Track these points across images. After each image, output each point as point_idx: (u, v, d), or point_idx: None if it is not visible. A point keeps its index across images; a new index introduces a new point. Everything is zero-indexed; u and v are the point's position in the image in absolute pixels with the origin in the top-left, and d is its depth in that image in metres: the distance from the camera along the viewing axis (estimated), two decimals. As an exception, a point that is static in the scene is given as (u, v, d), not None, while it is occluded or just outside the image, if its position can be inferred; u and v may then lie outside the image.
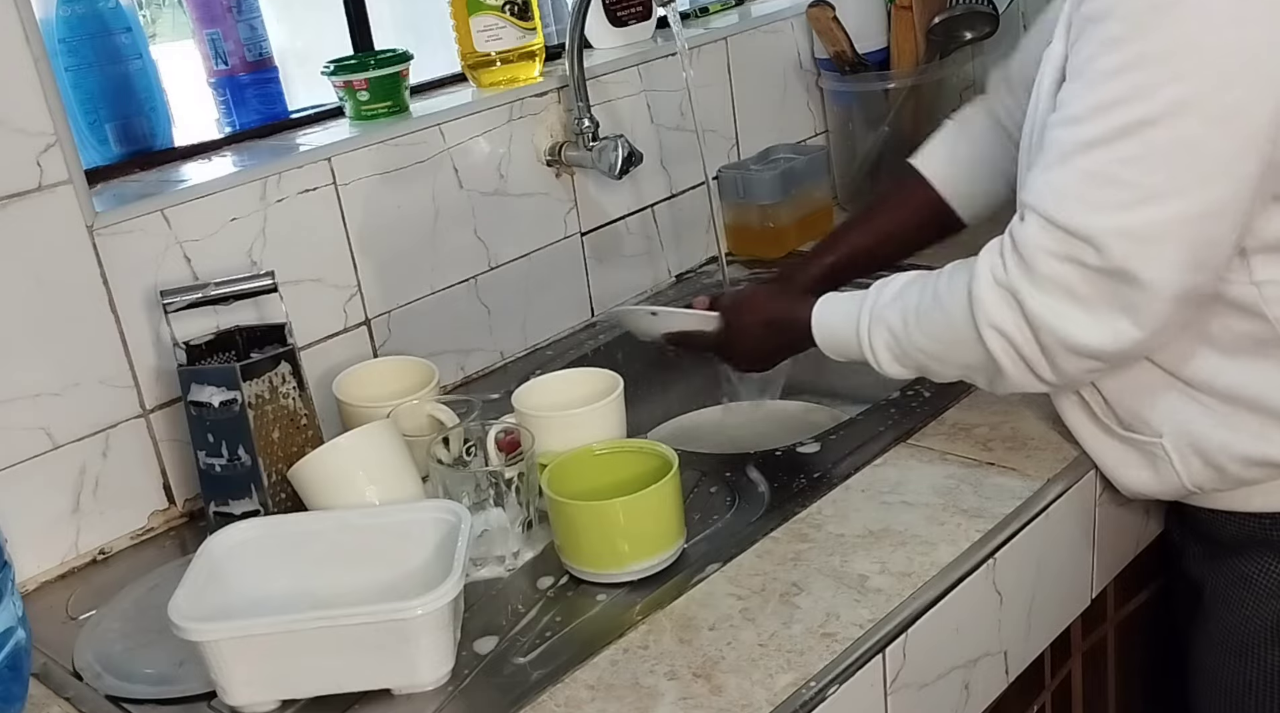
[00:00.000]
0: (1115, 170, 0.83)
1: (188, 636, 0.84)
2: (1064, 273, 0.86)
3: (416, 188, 1.34)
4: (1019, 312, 0.89)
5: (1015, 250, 0.88)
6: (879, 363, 1.02)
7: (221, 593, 0.91)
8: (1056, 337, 0.88)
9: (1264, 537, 1.01)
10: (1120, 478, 1.04)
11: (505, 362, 1.45)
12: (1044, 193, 0.87)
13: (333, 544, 0.96)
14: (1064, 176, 0.86)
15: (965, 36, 1.65)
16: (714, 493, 1.10)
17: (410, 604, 0.84)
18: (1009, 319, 0.89)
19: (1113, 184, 0.83)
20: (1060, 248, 0.85)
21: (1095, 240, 0.83)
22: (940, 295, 0.96)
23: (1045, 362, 0.90)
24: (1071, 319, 0.87)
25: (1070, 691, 1.21)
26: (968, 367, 0.97)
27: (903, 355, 1.00)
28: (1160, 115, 0.81)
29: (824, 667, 0.85)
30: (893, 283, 1.02)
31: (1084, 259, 0.84)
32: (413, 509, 0.98)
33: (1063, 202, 0.85)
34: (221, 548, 0.94)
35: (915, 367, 1.01)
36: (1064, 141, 0.86)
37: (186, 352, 1.10)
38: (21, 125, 1.04)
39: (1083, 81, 0.86)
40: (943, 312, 0.95)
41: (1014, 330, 0.90)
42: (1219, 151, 0.82)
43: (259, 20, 1.35)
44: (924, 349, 0.98)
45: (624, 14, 1.61)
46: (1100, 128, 0.84)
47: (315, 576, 0.95)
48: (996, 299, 0.90)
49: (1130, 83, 0.82)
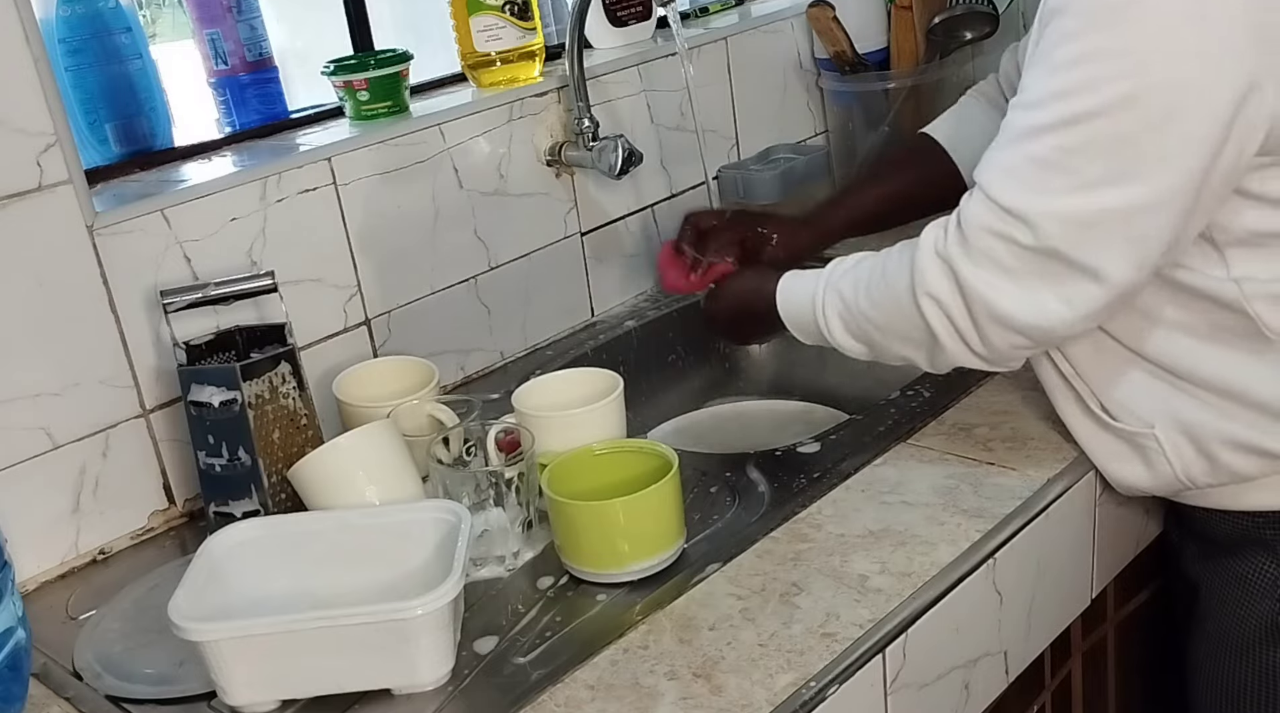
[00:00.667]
0: (1057, 157, 0.86)
1: (188, 635, 0.84)
2: (997, 248, 0.89)
3: (416, 188, 1.34)
4: (953, 280, 0.92)
5: (958, 224, 0.92)
6: (831, 332, 1.04)
7: (221, 593, 0.91)
8: (986, 307, 0.91)
9: (1258, 536, 1.01)
10: (1114, 473, 1.05)
11: (505, 362, 1.45)
12: (991, 171, 0.91)
13: (333, 544, 0.96)
14: (1011, 158, 0.89)
15: (965, 36, 1.65)
16: (714, 493, 1.10)
17: (410, 604, 0.83)
18: (944, 288, 0.93)
19: (1054, 170, 0.87)
20: (997, 224, 0.89)
21: (1030, 220, 0.87)
22: (888, 266, 0.99)
23: (975, 333, 0.93)
24: (1001, 290, 0.90)
25: (1070, 691, 1.21)
26: (908, 339, 0.99)
27: (852, 324, 1.02)
28: (1105, 109, 0.84)
29: (824, 667, 0.85)
30: (850, 257, 1.06)
31: (1017, 237, 0.88)
32: (413, 509, 0.98)
33: (1006, 181, 0.89)
34: (221, 548, 0.94)
35: (864, 338, 1.03)
36: (1016, 125, 0.90)
37: (186, 352, 1.10)
38: (21, 125, 1.04)
39: (1038, 69, 0.89)
40: (887, 281, 0.98)
41: (948, 298, 0.93)
42: (1159, 148, 0.84)
43: (259, 20, 1.35)
44: (870, 318, 1.00)
45: (624, 14, 1.61)
46: (1049, 115, 0.87)
47: (315, 575, 0.94)
48: (934, 268, 0.93)
49: (1081, 75, 0.85)
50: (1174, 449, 0.99)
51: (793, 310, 1.09)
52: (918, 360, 1.01)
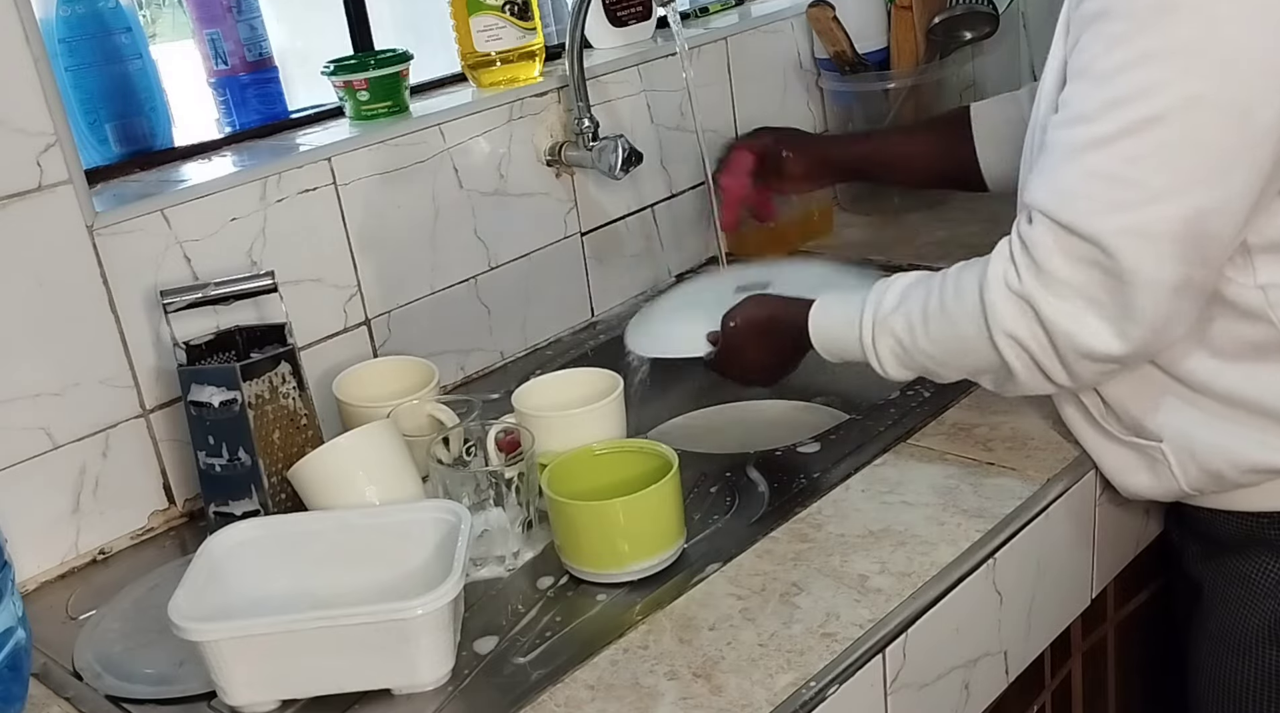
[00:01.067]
0: (1121, 169, 0.83)
1: (188, 635, 0.84)
2: (1076, 277, 0.85)
3: (416, 188, 1.34)
4: (1034, 319, 0.88)
5: (1027, 255, 0.87)
6: (884, 369, 1.02)
7: (221, 593, 0.91)
8: (1073, 343, 0.87)
9: (1262, 536, 1.01)
10: (1119, 480, 1.04)
11: (505, 362, 1.45)
12: (1050, 194, 0.86)
13: (333, 544, 0.96)
14: (1069, 177, 0.85)
15: (965, 36, 1.65)
16: (714, 493, 1.10)
17: (410, 604, 0.84)
18: (1024, 327, 0.89)
19: (1119, 183, 0.83)
20: (1072, 251, 0.85)
21: (1103, 242, 0.83)
22: (947, 302, 0.95)
23: (1060, 367, 0.90)
24: (1087, 325, 0.86)
25: (1070, 691, 1.21)
26: (976, 370, 0.97)
27: (908, 361, 1.00)
28: (1169, 112, 0.81)
29: (824, 667, 0.85)
30: (894, 285, 1.02)
31: (1095, 261, 0.84)
32: (413, 509, 0.98)
33: (1069, 203, 0.85)
34: (221, 548, 0.94)
35: (920, 370, 1.01)
36: (1068, 141, 0.86)
37: (186, 352, 1.10)
38: (21, 125, 1.04)
39: (1087, 80, 0.85)
40: (950, 320, 0.95)
41: (1029, 338, 0.89)
42: (1227, 148, 0.82)
43: (259, 20, 1.35)
44: (932, 356, 0.98)
45: (624, 14, 1.61)
46: (1105, 127, 0.83)
47: (315, 575, 0.95)
48: (1010, 306, 0.89)
49: (1137, 80, 0.82)
50: (1179, 464, 0.99)
51: (832, 345, 1.06)
52: (982, 384, 0.99)
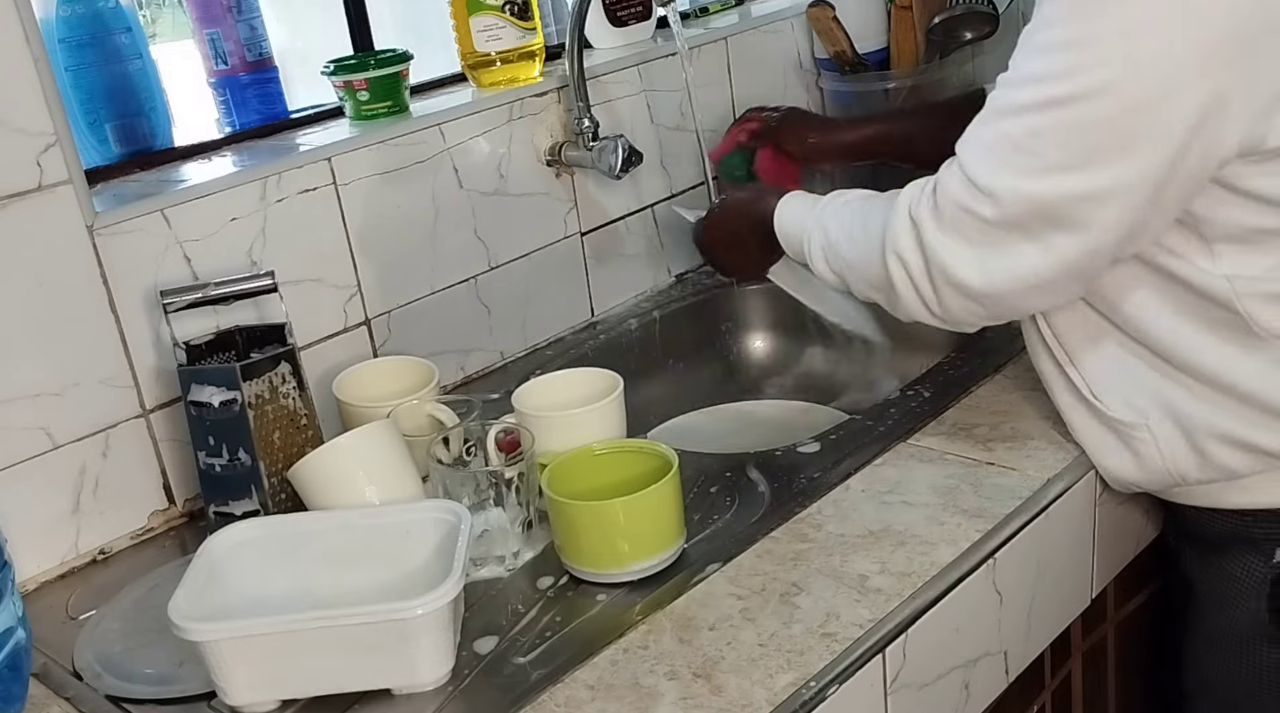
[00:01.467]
0: (1026, 139, 0.89)
1: (188, 635, 0.84)
2: (962, 219, 0.93)
3: (416, 188, 1.34)
4: (919, 242, 0.96)
5: (934, 191, 0.95)
6: (812, 261, 1.11)
7: (221, 593, 0.91)
8: (944, 272, 0.95)
9: (1246, 534, 1.02)
10: (1105, 465, 1.05)
11: (505, 362, 1.45)
12: (969, 145, 0.94)
13: (333, 544, 0.96)
14: (988, 134, 0.92)
15: (965, 36, 1.65)
16: (714, 493, 1.10)
17: (410, 604, 0.84)
18: (909, 247, 0.97)
19: (1022, 151, 0.89)
20: (965, 197, 0.92)
21: (995, 196, 0.90)
22: (870, 214, 1.04)
23: (933, 293, 0.97)
24: (960, 257, 0.94)
25: (1070, 691, 1.21)
26: (874, 286, 1.04)
27: (831, 259, 1.09)
28: (1074, 97, 0.86)
29: (824, 667, 0.85)
30: (848, 194, 1.11)
31: (981, 211, 0.91)
32: (413, 509, 0.98)
33: (980, 156, 0.92)
34: (221, 548, 0.94)
35: (839, 273, 1.09)
36: (997, 102, 0.92)
37: (186, 352, 1.10)
38: (21, 125, 1.04)
39: (1024, 50, 0.91)
40: (866, 229, 1.03)
41: (911, 258, 0.97)
42: (1119, 142, 0.86)
43: (259, 20, 1.35)
44: (845, 259, 1.07)
45: (624, 14, 1.61)
46: (1024, 97, 0.89)
47: (315, 575, 0.94)
48: (904, 228, 0.97)
49: (1057, 61, 0.87)
50: (1166, 442, 1.00)
51: (786, 230, 1.15)
52: (881, 303, 1.06)
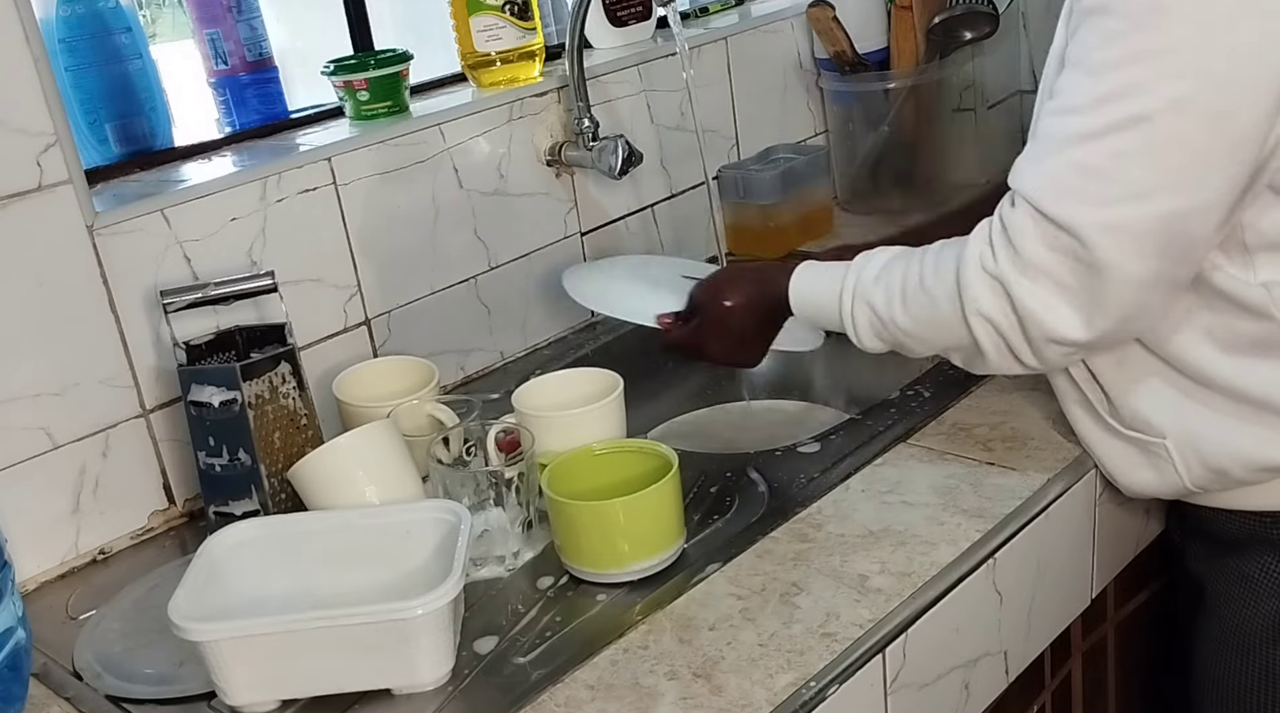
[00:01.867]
0: (1106, 164, 0.84)
1: (188, 635, 0.84)
2: (1052, 264, 0.86)
3: (416, 188, 1.34)
4: (1006, 300, 0.89)
5: (1005, 237, 0.89)
6: (859, 338, 1.02)
7: (221, 593, 0.91)
8: (1041, 326, 0.89)
9: (1264, 535, 1.01)
10: (1121, 477, 1.04)
11: (505, 362, 1.45)
12: (1036, 182, 0.87)
13: (333, 544, 0.96)
14: (1056, 167, 0.86)
15: (965, 36, 1.65)
16: (714, 493, 1.10)
17: (410, 604, 0.83)
18: (996, 307, 0.90)
19: (1103, 178, 0.84)
20: (1049, 239, 0.86)
21: (1080, 233, 0.84)
22: (925, 278, 0.96)
23: (1028, 348, 0.91)
24: (1056, 311, 0.88)
25: (1070, 691, 1.21)
26: (948, 347, 0.98)
27: (883, 332, 1.00)
28: (1156, 111, 0.82)
29: (824, 667, 0.85)
30: (876, 258, 1.02)
31: (1070, 251, 0.85)
32: (413, 509, 0.98)
33: (1053, 192, 0.86)
34: (221, 548, 0.94)
35: (894, 344, 1.01)
36: (1059, 132, 0.87)
37: (186, 352, 1.10)
38: (21, 125, 1.04)
39: (1080, 72, 0.86)
40: (928, 295, 0.95)
41: (1000, 318, 0.90)
42: (1211, 150, 0.83)
43: (259, 20, 1.35)
44: (906, 330, 0.98)
45: (624, 14, 1.61)
46: (1094, 121, 0.84)
47: (315, 575, 0.94)
48: (984, 287, 0.90)
49: (1127, 77, 0.83)
50: (1183, 461, 0.99)
51: (812, 310, 1.05)
52: (952, 360, 1.00)
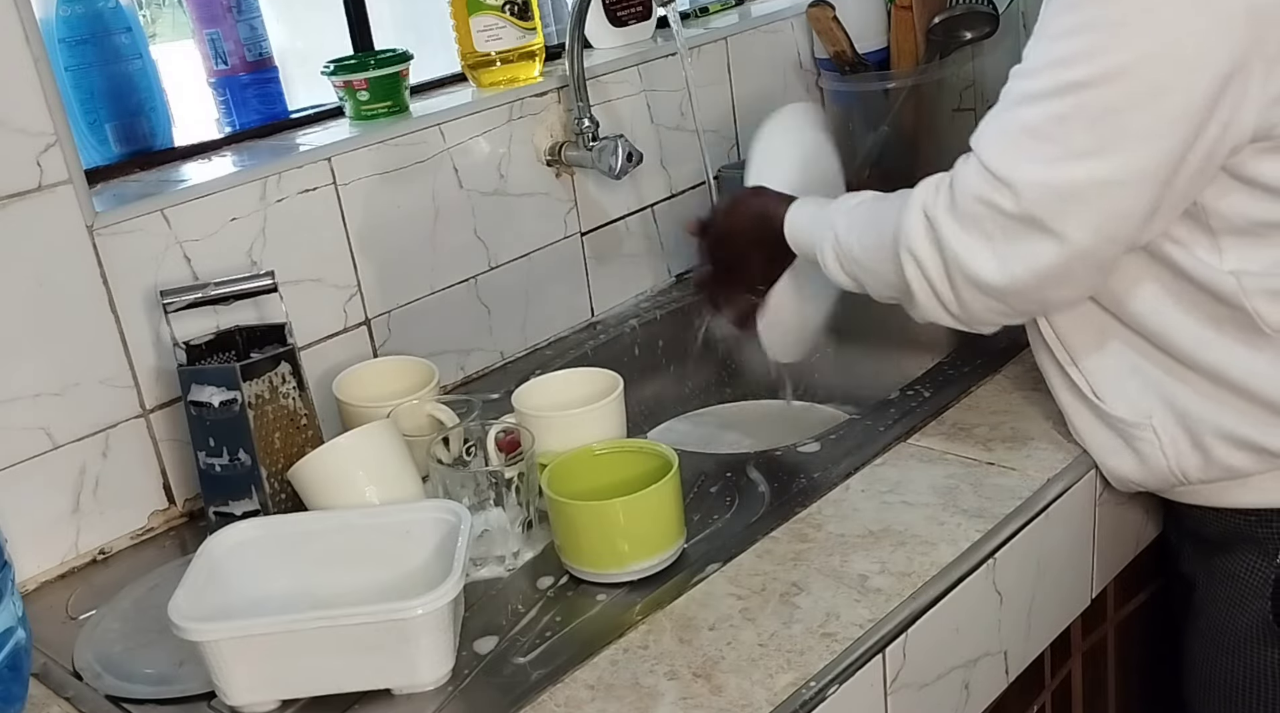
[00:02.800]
0: (1047, 126, 0.87)
1: (188, 635, 0.84)
2: (981, 213, 0.90)
3: (416, 188, 1.34)
4: (935, 240, 0.93)
5: (950, 186, 0.93)
6: (825, 265, 1.07)
7: (221, 593, 0.91)
8: (962, 270, 0.92)
9: (1250, 534, 1.02)
10: (1108, 465, 1.05)
11: (505, 362, 1.45)
12: (985, 137, 0.91)
13: (333, 544, 0.96)
14: (1005, 125, 0.90)
15: (965, 36, 1.65)
16: (714, 493, 1.10)
17: (410, 604, 0.84)
18: (924, 245, 0.94)
19: (1043, 139, 0.87)
20: (984, 189, 0.89)
21: (1015, 187, 0.88)
22: (881, 213, 1.01)
23: (951, 292, 0.94)
24: (979, 254, 0.91)
25: (1070, 691, 1.21)
26: (890, 285, 1.01)
27: (843, 261, 1.04)
28: (1095, 79, 0.85)
29: (824, 667, 0.85)
30: (858, 195, 1.07)
31: (1001, 203, 0.88)
32: (413, 509, 0.98)
33: (999, 148, 0.90)
34: (221, 548, 0.94)
35: (853, 276, 1.05)
36: (1012, 92, 0.91)
37: (186, 352, 1.10)
38: (21, 125, 1.04)
39: (1039, 38, 0.90)
40: (878, 228, 1.00)
41: (926, 257, 0.94)
42: (1143, 123, 0.85)
43: (259, 20, 1.35)
44: (858, 260, 1.03)
45: (624, 14, 1.61)
46: (1042, 83, 0.88)
47: (315, 575, 0.95)
48: (919, 226, 0.94)
49: (1076, 45, 0.86)
50: (1170, 441, 1.00)
51: (797, 235, 1.11)
52: (901, 304, 1.03)
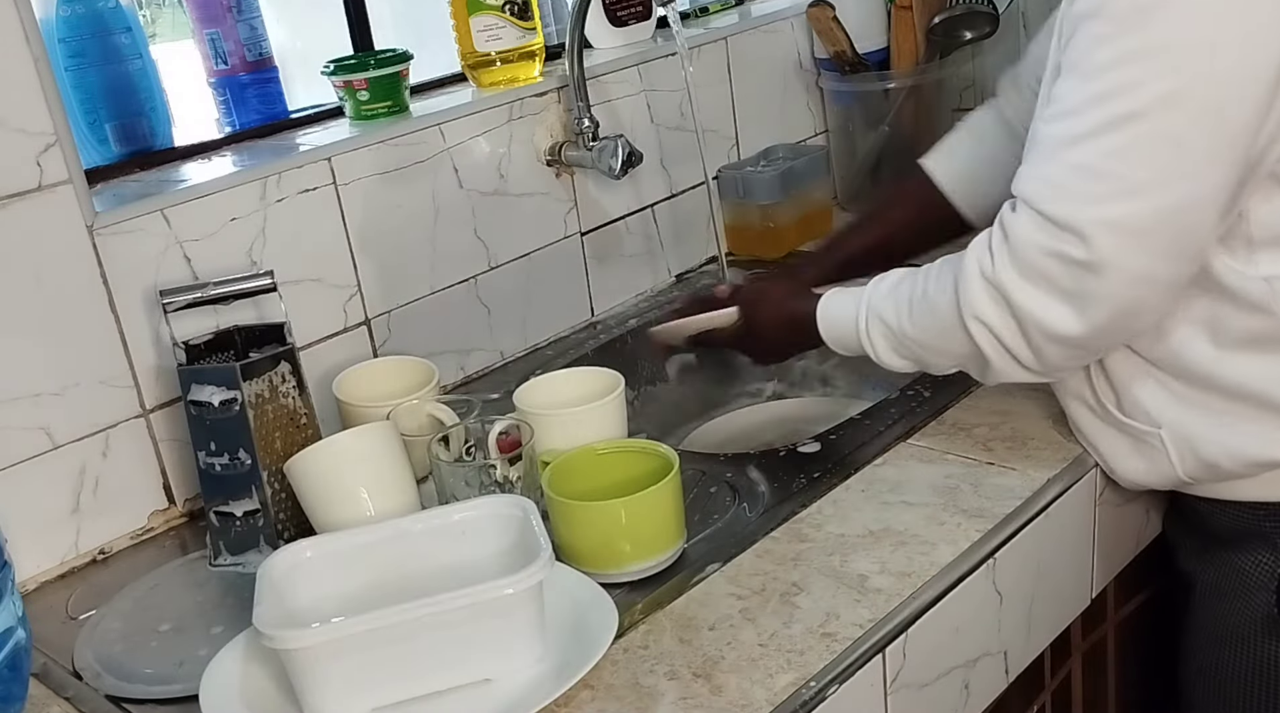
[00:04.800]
0: (1102, 163, 0.85)
1: (282, 644, 0.80)
2: (1050, 267, 0.88)
3: (416, 188, 1.34)
4: (1003, 304, 0.91)
5: (1005, 242, 0.90)
6: (878, 356, 1.04)
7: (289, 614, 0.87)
8: (1040, 328, 0.90)
9: (1257, 528, 1.02)
10: (1115, 466, 1.05)
11: (505, 362, 1.45)
12: (1034, 185, 0.89)
13: (391, 553, 0.93)
14: (1053, 169, 0.88)
15: (965, 36, 1.65)
16: (714, 493, 1.10)
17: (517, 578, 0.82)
18: (992, 311, 0.92)
19: (1099, 177, 0.85)
20: (1049, 241, 0.87)
21: (1081, 232, 0.85)
22: (929, 288, 0.98)
23: (1029, 352, 0.92)
24: (1054, 310, 0.89)
25: (1070, 691, 1.21)
26: (958, 357, 0.99)
27: (899, 347, 1.02)
28: (1146, 109, 0.84)
29: (824, 667, 0.85)
30: (889, 277, 1.04)
31: (1070, 252, 0.86)
32: (466, 508, 0.95)
33: (1051, 193, 0.87)
34: (278, 571, 0.90)
35: (912, 358, 1.02)
36: (1054, 136, 0.88)
37: (186, 351, 1.10)
38: (21, 125, 1.04)
39: (1074, 77, 0.88)
40: (930, 304, 0.97)
41: (997, 322, 0.92)
42: (1202, 145, 0.84)
43: (259, 20, 1.35)
44: (917, 340, 1.00)
45: (624, 14, 1.61)
46: (1088, 122, 0.86)
47: (382, 586, 0.91)
48: (981, 292, 0.92)
49: (1119, 78, 0.84)
50: (1177, 453, 1.00)
51: (837, 335, 1.08)
52: (970, 373, 1.01)
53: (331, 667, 0.82)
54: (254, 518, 1.07)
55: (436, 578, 0.90)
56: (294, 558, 0.92)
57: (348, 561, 0.93)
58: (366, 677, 0.83)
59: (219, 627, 0.99)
